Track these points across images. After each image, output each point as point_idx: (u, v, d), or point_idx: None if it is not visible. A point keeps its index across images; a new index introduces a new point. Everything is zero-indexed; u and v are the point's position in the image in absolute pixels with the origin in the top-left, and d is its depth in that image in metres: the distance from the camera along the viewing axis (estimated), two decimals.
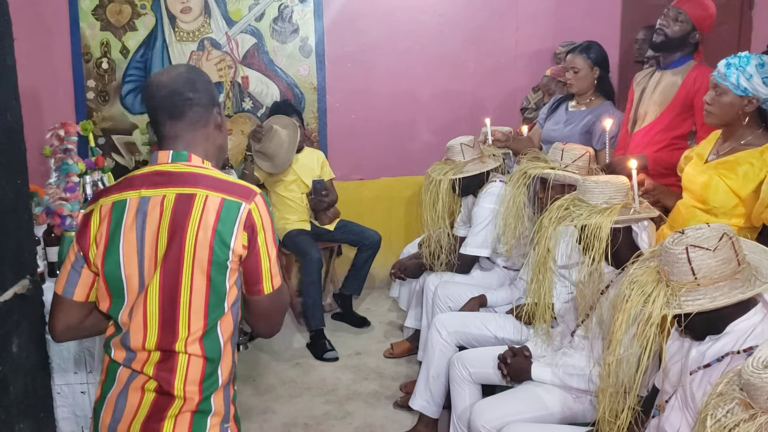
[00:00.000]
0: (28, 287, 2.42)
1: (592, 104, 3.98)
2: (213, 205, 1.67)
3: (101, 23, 5.05)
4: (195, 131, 1.79)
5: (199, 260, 1.66)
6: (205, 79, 1.84)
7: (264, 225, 1.70)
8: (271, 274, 1.74)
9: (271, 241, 1.73)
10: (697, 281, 1.84)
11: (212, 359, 1.71)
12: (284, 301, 1.82)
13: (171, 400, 1.68)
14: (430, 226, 3.90)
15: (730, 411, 1.60)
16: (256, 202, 1.70)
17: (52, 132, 3.16)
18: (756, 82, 2.57)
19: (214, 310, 1.69)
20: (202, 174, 1.73)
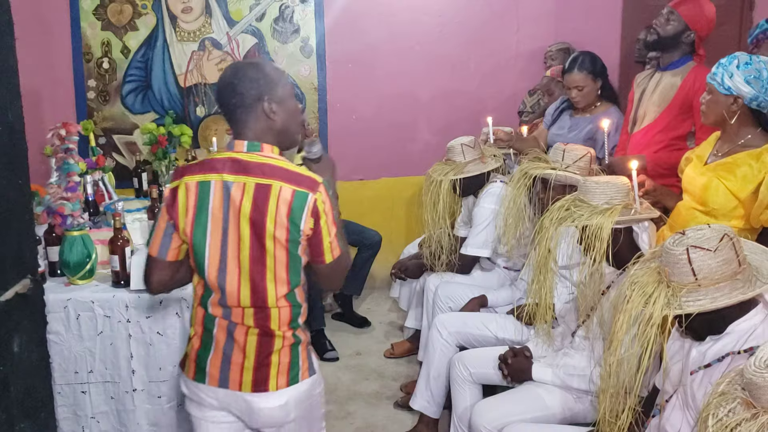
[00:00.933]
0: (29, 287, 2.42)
1: (597, 110, 3.99)
2: (286, 195, 2.02)
3: (102, 23, 5.06)
4: (255, 124, 2.11)
5: (280, 239, 2.03)
6: (249, 76, 2.09)
7: (326, 210, 2.06)
8: (332, 247, 2.11)
9: (332, 222, 2.09)
10: (697, 282, 1.85)
11: (295, 305, 2.15)
12: (343, 265, 2.21)
13: (273, 338, 2.12)
14: (431, 227, 3.90)
15: (732, 410, 1.61)
16: (320, 191, 2.05)
17: (53, 131, 3.16)
18: (737, 81, 2.58)
19: (294, 274, 2.11)
20: (276, 165, 2.07)
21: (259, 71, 2.11)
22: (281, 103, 2.12)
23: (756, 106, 2.63)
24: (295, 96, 2.22)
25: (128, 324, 2.93)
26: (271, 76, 2.12)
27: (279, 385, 2.13)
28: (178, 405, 2.98)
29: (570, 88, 4.01)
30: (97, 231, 3.29)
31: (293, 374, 2.16)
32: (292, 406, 2.18)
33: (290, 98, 2.16)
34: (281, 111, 2.12)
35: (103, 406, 2.99)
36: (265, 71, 2.12)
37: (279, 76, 2.15)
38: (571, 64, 4.01)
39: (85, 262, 3.03)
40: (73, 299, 2.93)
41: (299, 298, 2.16)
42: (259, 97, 2.08)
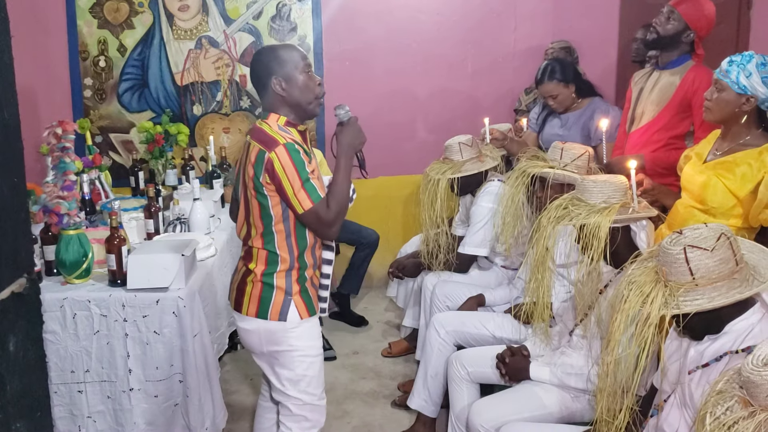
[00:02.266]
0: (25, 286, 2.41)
1: (581, 106, 4.08)
2: (254, 153, 2.44)
3: (99, 21, 5.05)
4: (268, 99, 2.54)
5: (251, 189, 2.48)
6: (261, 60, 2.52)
7: (284, 166, 2.38)
8: (298, 200, 2.41)
9: (294, 177, 2.38)
10: (695, 281, 1.84)
11: (270, 251, 2.52)
12: (319, 218, 2.44)
13: (249, 272, 2.56)
14: (429, 226, 3.90)
15: (730, 408, 1.61)
16: (276, 152, 2.39)
17: (50, 130, 3.15)
18: (755, 81, 2.57)
19: (266, 219, 2.49)
20: (262, 129, 2.49)
21: (269, 54, 2.51)
22: (289, 80, 2.47)
23: (767, 107, 2.63)
24: (307, 72, 2.51)
25: (125, 323, 2.92)
26: (281, 58, 2.48)
27: (249, 311, 2.56)
28: (174, 405, 2.98)
29: (545, 98, 4.13)
30: (94, 230, 3.28)
31: (263, 309, 2.54)
32: (263, 339, 2.58)
33: (300, 74, 2.48)
34: (290, 87, 2.48)
35: (99, 406, 2.98)
36: (276, 53, 2.50)
37: (288, 57, 2.49)
38: (542, 75, 4.11)
39: (81, 261, 3.02)
40: (70, 298, 2.92)
41: (279, 248, 2.51)
42: (269, 76, 2.47)
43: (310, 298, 2.60)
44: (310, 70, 2.55)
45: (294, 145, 2.41)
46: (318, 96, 2.56)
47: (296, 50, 2.55)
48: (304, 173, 2.40)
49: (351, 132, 2.59)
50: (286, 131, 2.50)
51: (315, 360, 2.66)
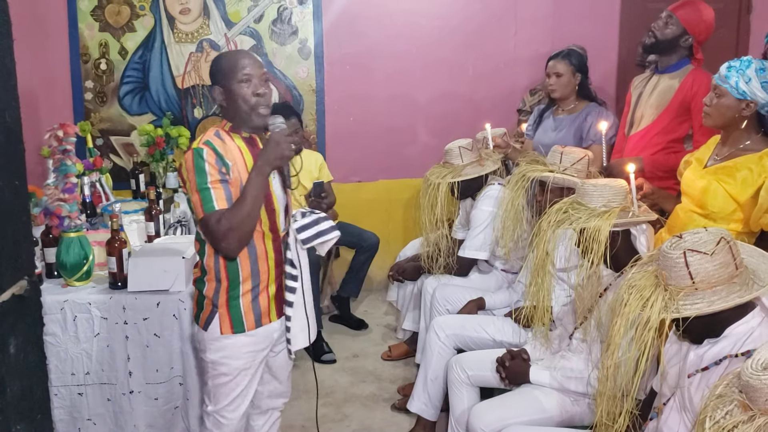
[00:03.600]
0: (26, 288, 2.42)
1: (577, 109, 4.05)
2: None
3: (100, 24, 5.05)
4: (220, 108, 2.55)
5: None
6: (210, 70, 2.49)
7: (188, 169, 2.35)
8: (194, 204, 2.35)
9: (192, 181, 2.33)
10: (695, 285, 1.85)
11: (200, 257, 2.50)
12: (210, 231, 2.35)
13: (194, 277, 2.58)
14: (429, 229, 3.90)
15: (729, 412, 1.61)
16: (186, 155, 2.37)
17: (51, 133, 3.16)
18: (755, 86, 2.57)
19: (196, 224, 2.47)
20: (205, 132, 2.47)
21: (215, 63, 2.48)
22: (227, 90, 2.42)
23: (766, 112, 2.64)
24: (246, 81, 2.41)
25: (125, 326, 2.92)
26: (222, 67, 2.44)
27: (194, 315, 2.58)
28: (174, 407, 2.98)
29: (549, 75, 4.07)
30: (95, 232, 3.29)
31: (197, 313, 2.53)
32: (196, 343, 2.63)
33: (236, 84, 2.40)
34: (228, 97, 2.43)
35: (99, 408, 2.99)
36: (220, 62, 2.46)
37: (229, 65, 2.42)
38: (557, 54, 4.10)
39: (82, 264, 3.02)
40: (70, 301, 2.92)
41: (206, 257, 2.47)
42: (213, 85, 2.46)
43: (240, 315, 2.47)
44: (250, 79, 2.42)
45: (202, 150, 2.33)
46: (254, 107, 2.44)
47: (242, 58, 2.45)
48: (202, 179, 2.32)
49: (271, 146, 2.39)
50: (220, 138, 2.42)
51: (227, 377, 2.51)
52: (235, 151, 2.42)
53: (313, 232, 2.53)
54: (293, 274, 2.55)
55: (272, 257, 2.51)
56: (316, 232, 2.54)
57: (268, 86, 2.49)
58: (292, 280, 2.54)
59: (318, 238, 2.54)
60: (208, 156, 2.33)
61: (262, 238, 2.47)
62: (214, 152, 2.35)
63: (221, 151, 2.37)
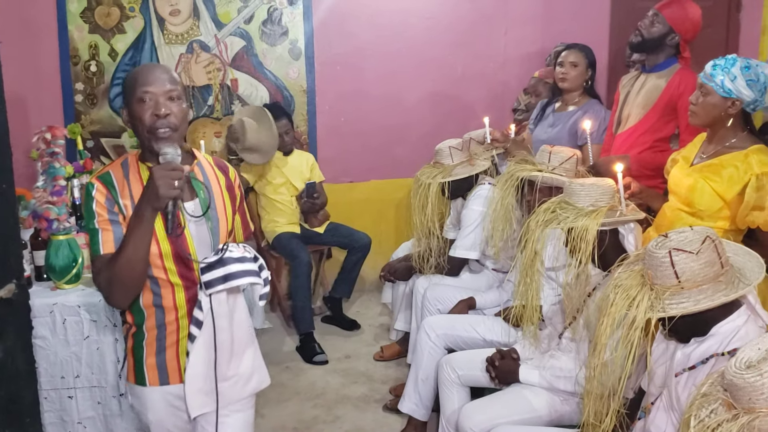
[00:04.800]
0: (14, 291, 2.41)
1: (579, 103, 4.05)
2: None
3: (89, 26, 5.04)
4: None
5: None
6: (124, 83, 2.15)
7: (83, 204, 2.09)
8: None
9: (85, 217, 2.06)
10: (680, 284, 1.85)
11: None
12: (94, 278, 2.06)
13: None
14: (420, 230, 3.90)
15: (714, 411, 1.61)
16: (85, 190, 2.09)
17: (39, 135, 3.15)
18: (740, 84, 2.58)
19: None
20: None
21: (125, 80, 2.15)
22: (129, 112, 2.10)
23: (752, 109, 2.65)
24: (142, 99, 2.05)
25: (114, 328, 2.92)
26: (126, 84, 2.11)
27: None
28: None
29: (563, 64, 4.06)
30: (84, 235, 3.27)
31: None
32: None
33: (134, 104, 2.06)
34: (131, 120, 2.11)
35: (89, 411, 2.98)
36: (124, 80, 2.14)
37: (129, 82, 2.09)
38: (572, 45, 4.12)
39: (71, 267, 3.02)
40: (60, 304, 2.92)
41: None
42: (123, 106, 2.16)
43: (142, 365, 2.13)
44: (152, 98, 2.05)
45: (92, 186, 2.05)
46: (152, 129, 2.05)
47: (144, 73, 2.09)
48: (89, 218, 2.03)
49: (149, 182, 1.94)
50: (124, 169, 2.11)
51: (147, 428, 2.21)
52: (138, 185, 2.07)
53: (219, 274, 2.04)
54: (198, 319, 2.08)
55: (183, 308, 2.11)
56: (224, 274, 2.04)
57: (180, 105, 2.09)
58: (195, 326, 2.09)
59: (225, 282, 2.04)
60: (98, 193, 2.04)
61: (169, 286, 2.09)
62: (107, 188, 2.05)
63: (118, 187, 2.06)
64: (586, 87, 4.07)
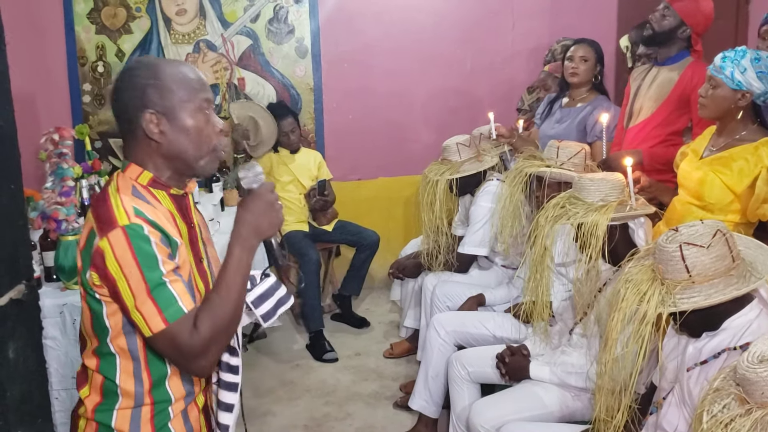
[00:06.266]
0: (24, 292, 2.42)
1: (587, 99, 4.01)
2: (86, 232, 1.58)
3: (96, 26, 5.05)
4: (134, 144, 1.65)
5: (81, 285, 1.62)
6: (134, 82, 1.62)
7: (120, 262, 1.50)
8: (143, 316, 1.52)
9: (136, 279, 1.50)
10: (691, 279, 1.84)
11: (107, 377, 1.64)
12: (179, 347, 1.54)
13: (81, 402, 1.70)
14: (428, 227, 3.90)
15: (726, 406, 1.60)
16: (109, 238, 1.51)
17: (47, 136, 3.16)
18: (750, 76, 2.57)
19: (99, 330, 1.62)
20: (106, 193, 1.61)
21: (150, 74, 1.61)
22: (173, 120, 1.61)
23: (762, 101, 2.63)
24: (206, 110, 1.66)
25: None
26: (164, 81, 1.61)
27: None
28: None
29: (574, 59, 4.01)
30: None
31: None
32: None
33: (193, 113, 1.63)
34: (170, 129, 1.61)
35: None
36: (161, 75, 1.61)
37: (177, 81, 1.63)
38: (581, 39, 4.09)
39: None
40: (69, 304, 2.92)
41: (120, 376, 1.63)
42: (142, 107, 1.60)
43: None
44: (211, 107, 1.68)
45: (141, 228, 1.52)
46: (217, 149, 1.68)
47: (191, 71, 1.67)
48: (154, 274, 1.51)
49: (258, 207, 1.64)
50: (142, 198, 1.61)
51: None
52: (168, 220, 1.63)
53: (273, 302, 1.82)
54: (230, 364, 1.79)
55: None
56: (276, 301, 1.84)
57: None
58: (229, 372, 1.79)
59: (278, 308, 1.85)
60: (152, 233, 1.54)
61: None
62: (153, 226, 1.55)
63: (159, 223, 1.57)
64: (595, 82, 4.04)
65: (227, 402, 1.80)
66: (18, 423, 2.39)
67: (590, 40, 4.07)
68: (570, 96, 4.09)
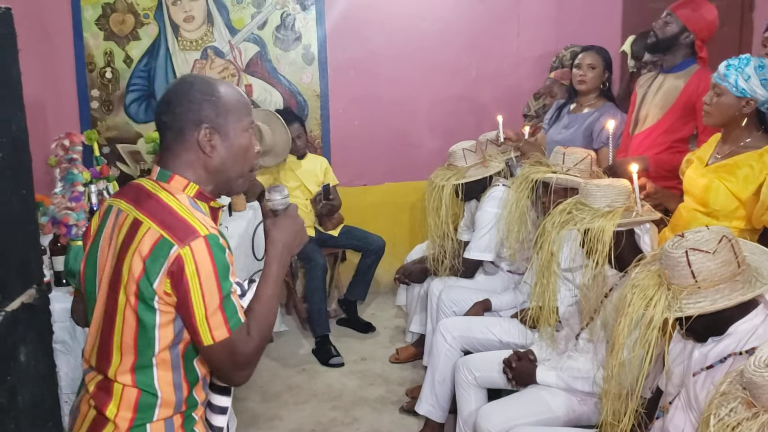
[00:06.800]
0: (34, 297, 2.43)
1: (595, 105, 4.03)
2: (150, 240, 1.58)
3: (104, 33, 5.08)
4: (182, 154, 1.71)
5: (129, 294, 1.60)
6: (191, 96, 1.69)
7: (199, 271, 1.55)
8: (209, 326, 1.58)
9: (212, 289, 1.57)
10: (697, 284, 1.86)
11: (147, 392, 1.65)
12: (235, 355, 1.62)
13: (105, 422, 1.67)
14: (434, 232, 3.91)
15: (733, 410, 1.62)
16: (191, 247, 1.56)
17: (57, 142, 3.19)
18: (754, 84, 2.58)
19: (145, 349, 1.62)
20: (164, 202, 1.65)
21: (207, 91, 1.70)
22: (225, 137, 1.71)
23: (766, 109, 2.65)
24: (251, 131, 1.77)
25: None
26: (222, 100, 1.70)
27: None
28: None
29: (582, 66, 4.03)
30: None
31: None
32: None
33: (242, 132, 1.74)
34: (222, 147, 1.71)
35: None
36: (218, 93, 1.71)
37: (233, 103, 1.72)
38: (589, 47, 4.11)
39: None
40: None
41: (160, 386, 1.65)
42: (198, 122, 1.68)
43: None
44: (253, 130, 1.80)
45: (218, 238, 1.60)
46: (254, 170, 1.81)
47: (243, 95, 1.78)
48: (227, 284, 1.60)
49: (289, 227, 1.78)
50: (198, 209, 1.68)
51: None
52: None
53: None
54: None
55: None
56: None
57: None
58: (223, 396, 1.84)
59: None
60: (224, 244, 1.63)
61: None
62: (222, 236, 1.64)
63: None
64: (603, 89, 4.06)
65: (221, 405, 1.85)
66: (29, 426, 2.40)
67: (598, 47, 4.09)
68: (578, 102, 4.11)
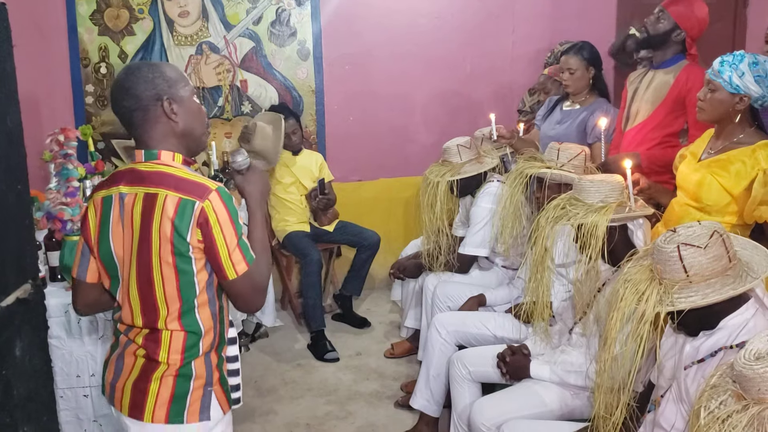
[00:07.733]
0: (30, 292, 2.45)
1: (587, 102, 4.05)
2: (171, 204, 1.86)
3: (99, 28, 5.07)
4: (152, 130, 1.97)
5: (165, 253, 1.88)
6: (143, 77, 1.94)
7: (219, 219, 1.87)
8: (233, 262, 1.90)
9: (230, 232, 1.89)
10: (689, 278, 1.87)
11: (193, 332, 1.94)
12: (255, 284, 1.96)
13: (156, 365, 1.94)
14: (429, 228, 3.93)
15: (723, 402, 1.63)
16: (210, 200, 1.87)
17: (52, 137, 3.19)
18: (748, 80, 2.60)
19: (188, 292, 1.92)
20: (167, 173, 1.92)
21: (154, 71, 1.97)
22: (182, 103, 1.97)
23: (759, 105, 2.66)
24: (195, 95, 2.05)
25: None
26: (168, 75, 1.97)
27: (156, 418, 1.92)
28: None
29: (563, 70, 4.06)
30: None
31: (175, 411, 1.93)
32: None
33: (191, 98, 2.01)
34: (182, 111, 1.97)
35: (105, 410, 3.01)
36: (162, 70, 1.98)
37: (178, 76, 2.00)
38: (569, 48, 4.12)
39: None
40: None
41: (202, 322, 1.95)
42: (157, 97, 1.94)
43: (228, 385, 2.06)
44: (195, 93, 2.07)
45: (225, 188, 1.93)
46: (209, 125, 2.09)
47: (179, 69, 2.07)
48: (239, 226, 1.92)
49: (258, 179, 2.13)
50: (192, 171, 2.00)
51: None
52: None
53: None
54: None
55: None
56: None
57: None
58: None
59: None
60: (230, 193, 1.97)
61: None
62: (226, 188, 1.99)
63: None
64: (593, 85, 4.07)
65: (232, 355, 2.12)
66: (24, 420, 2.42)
67: (579, 45, 4.08)
68: (571, 99, 4.13)
